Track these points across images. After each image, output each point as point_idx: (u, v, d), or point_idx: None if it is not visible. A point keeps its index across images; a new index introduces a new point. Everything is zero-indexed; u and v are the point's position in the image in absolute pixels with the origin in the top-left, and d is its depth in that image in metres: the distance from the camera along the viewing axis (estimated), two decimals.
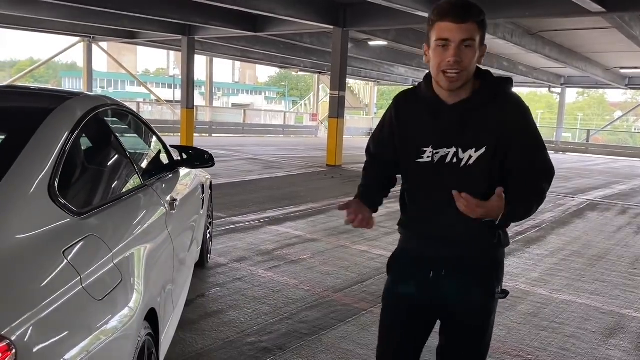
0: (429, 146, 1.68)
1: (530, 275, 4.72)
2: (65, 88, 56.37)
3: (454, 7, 1.56)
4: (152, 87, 41.63)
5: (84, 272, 1.47)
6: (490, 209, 1.56)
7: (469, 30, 1.56)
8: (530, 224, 6.95)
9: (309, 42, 15.87)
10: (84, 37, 19.23)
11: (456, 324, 1.79)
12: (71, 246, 1.52)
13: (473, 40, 1.57)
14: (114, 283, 1.62)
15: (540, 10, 9.69)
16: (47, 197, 1.58)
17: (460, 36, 1.55)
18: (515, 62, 20.74)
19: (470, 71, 1.61)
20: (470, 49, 1.57)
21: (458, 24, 1.55)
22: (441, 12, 1.57)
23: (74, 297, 1.39)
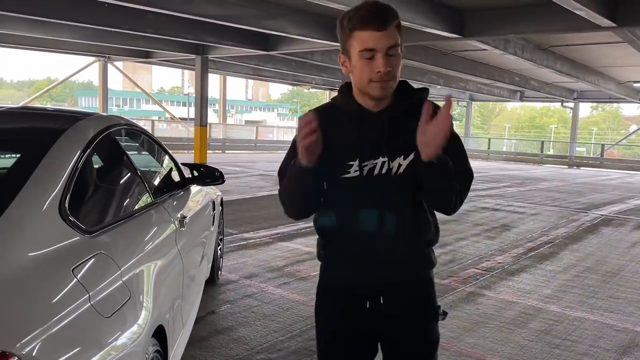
0: (355, 159, 1.54)
1: (542, 291, 4.68)
2: (81, 106, 57.26)
3: (374, 14, 1.44)
4: (167, 105, 42.10)
5: (92, 289, 1.50)
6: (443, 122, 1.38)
7: (392, 37, 1.45)
8: (543, 240, 6.90)
9: (320, 60, 15.99)
10: (100, 57, 19.56)
11: (402, 355, 1.65)
12: (80, 264, 1.55)
13: (397, 46, 1.47)
14: (122, 300, 1.65)
15: (550, 25, 9.69)
16: (58, 216, 1.62)
17: (387, 44, 1.44)
18: (527, 77, 20.70)
19: (398, 77, 1.52)
20: (396, 56, 1.47)
21: (381, 32, 1.43)
22: (361, 19, 1.44)
23: (83, 314, 1.42)
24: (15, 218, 1.51)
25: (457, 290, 4.60)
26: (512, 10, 9.88)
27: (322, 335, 1.76)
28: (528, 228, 7.79)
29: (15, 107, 2.55)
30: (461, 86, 23.29)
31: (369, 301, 1.62)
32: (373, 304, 1.62)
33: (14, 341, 1.18)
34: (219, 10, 9.77)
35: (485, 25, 10.42)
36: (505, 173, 19.29)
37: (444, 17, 10.17)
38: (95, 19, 10.97)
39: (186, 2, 9.30)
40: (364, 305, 1.62)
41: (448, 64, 16.38)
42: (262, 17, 10.46)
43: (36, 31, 12.62)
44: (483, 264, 5.52)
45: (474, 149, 31.29)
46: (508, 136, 54.30)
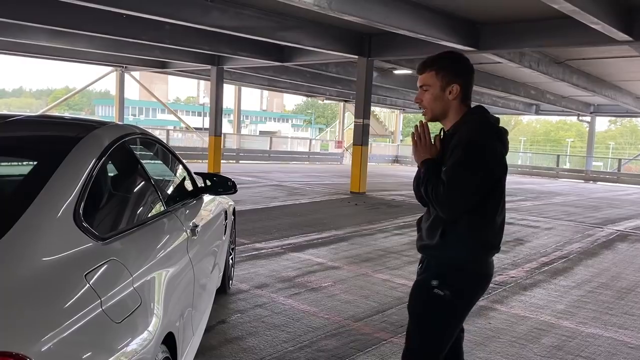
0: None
1: (555, 307, 4.62)
2: (98, 115, 57.98)
3: (419, 64, 2.15)
4: (183, 115, 42.54)
5: (104, 295, 1.53)
6: (422, 145, 2.11)
7: (423, 79, 2.10)
8: (557, 255, 6.82)
9: (335, 72, 16.09)
10: (117, 67, 19.87)
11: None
12: (93, 270, 1.58)
13: (429, 85, 2.09)
14: (133, 306, 1.67)
15: (565, 39, 9.67)
16: (72, 223, 1.65)
17: (420, 83, 2.12)
18: (543, 91, 20.61)
19: (434, 107, 2.10)
20: (427, 92, 2.09)
21: (419, 75, 2.13)
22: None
23: (94, 319, 1.44)
24: (31, 224, 1.54)
25: None
26: (527, 23, 9.88)
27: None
28: (542, 242, 7.71)
29: (33, 115, 2.60)
30: (476, 99, 23.22)
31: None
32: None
33: (27, 344, 1.20)
34: (234, 22, 9.90)
35: (501, 38, 10.43)
36: (520, 187, 19.13)
37: (459, 30, 10.20)
38: (114, 30, 11.17)
39: (203, 14, 9.43)
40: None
41: None
42: (277, 28, 10.57)
43: (55, 41, 12.87)
44: (496, 278, 5.47)
45: None
46: (523, 149, 53.89)
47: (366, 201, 11.67)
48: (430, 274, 2.07)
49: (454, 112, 2.08)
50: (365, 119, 12.93)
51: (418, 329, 2.14)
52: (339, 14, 8.08)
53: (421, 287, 2.11)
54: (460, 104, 2.08)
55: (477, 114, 2.09)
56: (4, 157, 2.04)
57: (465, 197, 1.96)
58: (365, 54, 12.46)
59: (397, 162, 32.99)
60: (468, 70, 2.10)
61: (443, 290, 2.01)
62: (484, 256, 2.10)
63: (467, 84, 2.08)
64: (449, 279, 2.04)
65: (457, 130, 2.04)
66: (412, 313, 2.16)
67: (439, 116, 2.11)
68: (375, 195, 12.90)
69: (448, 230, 2.02)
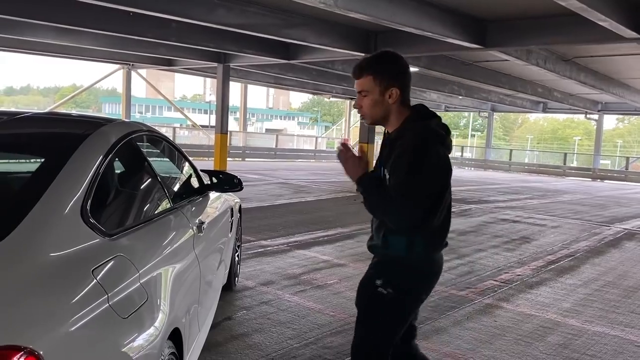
0: (382, 168, 2.10)
1: (561, 305, 4.61)
2: (105, 113, 58.18)
3: (353, 68, 2.06)
4: (189, 113, 42.62)
5: (111, 290, 1.54)
6: (349, 164, 2.06)
7: (361, 84, 2.05)
8: (563, 253, 6.80)
9: (341, 69, 16.06)
10: (124, 64, 19.92)
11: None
12: (100, 265, 1.59)
13: (367, 91, 2.04)
14: (139, 302, 1.68)
15: (572, 36, 9.60)
16: (80, 219, 1.67)
17: (358, 88, 2.06)
18: (550, 89, 20.49)
19: (374, 113, 2.08)
20: (367, 98, 2.05)
21: (356, 80, 2.06)
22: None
23: (101, 314, 1.46)
24: (39, 220, 1.55)
25: (475, 302, 4.56)
26: (534, 21, 9.82)
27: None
28: (548, 241, 7.69)
29: (41, 113, 2.62)
30: (483, 97, 23.15)
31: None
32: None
33: (35, 338, 1.22)
34: (240, 19, 9.90)
35: (507, 35, 10.37)
36: (527, 185, 19.07)
37: (465, 27, 10.16)
38: (119, 27, 11.19)
39: (208, 11, 9.44)
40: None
41: (470, 75, 16.30)
42: (282, 26, 10.56)
43: (61, 39, 12.91)
44: (501, 276, 5.46)
45: (494, 160, 31.02)
46: (530, 148, 53.66)
47: None
48: (376, 272, 2.11)
49: (395, 116, 2.07)
50: None
51: (363, 325, 2.16)
52: (345, 11, 8.06)
53: (366, 285, 2.13)
54: (401, 107, 2.06)
55: (419, 118, 2.06)
56: (12, 154, 2.06)
57: (420, 205, 1.94)
58: (372, 51, 12.41)
59: None
60: (405, 70, 2.08)
61: (386, 289, 2.04)
62: (427, 254, 2.09)
63: (405, 85, 2.06)
64: (393, 278, 2.06)
65: (400, 135, 2.02)
66: (358, 310, 2.19)
67: (380, 121, 2.10)
68: None
69: (391, 230, 2.04)
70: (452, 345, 3.58)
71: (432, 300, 4.53)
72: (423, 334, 3.73)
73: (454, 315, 4.18)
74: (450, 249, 6.58)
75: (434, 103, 28.67)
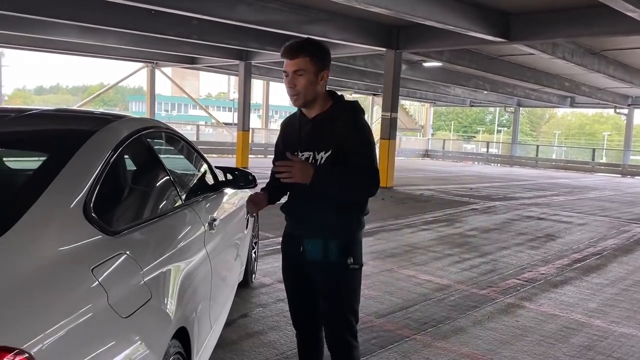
0: (297, 151, 2.19)
1: (587, 305, 4.47)
2: (131, 111, 58.98)
3: (287, 48, 2.12)
4: (214, 111, 42.91)
5: (111, 289, 1.51)
6: (297, 171, 2.04)
7: (298, 64, 2.09)
8: (590, 251, 6.61)
9: (362, 65, 15.95)
10: (148, 63, 20.14)
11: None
12: (101, 264, 1.56)
13: (303, 70, 2.09)
14: (142, 301, 1.65)
15: (600, 28, 9.34)
16: (82, 215, 1.64)
17: (293, 68, 2.10)
18: (578, 83, 20.04)
19: (307, 92, 2.13)
20: (302, 77, 2.10)
21: (290, 60, 2.11)
22: (282, 52, 2.13)
23: (99, 314, 1.42)
24: (39, 216, 1.53)
25: (496, 301, 4.45)
26: (560, 13, 9.58)
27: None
28: (575, 238, 7.49)
29: (49, 110, 2.61)
30: (508, 91, 22.77)
31: (302, 246, 2.31)
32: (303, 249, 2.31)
33: (27, 339, 1.19)
34: (260, 16, 9.88)
35: (532, 28, 10.14)
36: (554, 181, 18.69)
37: (489, 20, 9.97)
38: (142, 26, 11.29)
39: (228, 8, 9.44)
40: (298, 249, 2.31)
41: (494, 69, 16.04)
42: (303, 22, 10.51)
43: (85, 37, 13.10)
44: (525, 275, 5.33)
45: (521, 156, 30.49)
46: (558, 143, 52.64)
47: (393, 196, 11.55)
48: (339, 252, 2.20)
49: (322, 99, 2.19)
50: (392, 112, 12.79)
51: (344, 302, 2.27)
52: (366, 6, 7.98)
53: (338, 268, 2.22)
54: (326, 91, 2.22)
55: (343, 100, 2.24)
56: (18, 151, 2.05)
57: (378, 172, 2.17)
58: (394, 46, 12.31)
59: (427, 156, 32.63)
60: (331, 58, 2.24)
61: (356, 262, 2.24)
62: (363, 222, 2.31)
63: (329, 72, 2.22)
64: (355, 252, 2.24)
65: (331, 117, 2.16)
66: (347, 299, 2.27)
67: (309, 102, 2.16)
68: (403, 190, 12.76)
69: (344, 208, 2.19)
70: (471, 346, 3.49)
71: (452, 299, 4.44)
72: (442, 334, 3.65)
73: (474, 315, 4.08)
74: (473, 246, 6.51)
75: (459, 98, 28.36)
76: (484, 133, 62.45)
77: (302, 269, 2.30)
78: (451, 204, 10.61)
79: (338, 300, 2.27)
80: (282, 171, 2.07)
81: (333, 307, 2.28)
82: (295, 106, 2.22)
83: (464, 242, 6.82)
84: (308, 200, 2.20)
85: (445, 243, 6.72)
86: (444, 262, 5.73)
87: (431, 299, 4.41)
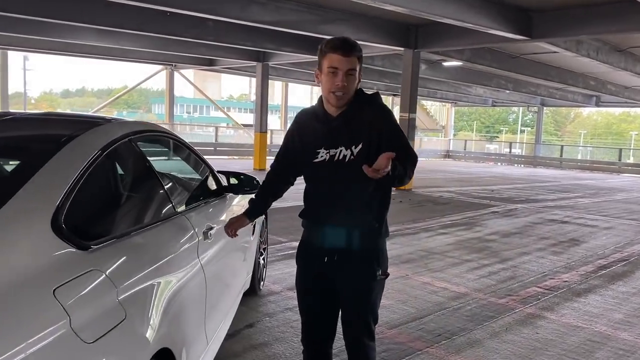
0: (321, 148, 2.15)
1: (612, 316, 4.22)
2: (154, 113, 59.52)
3: (343, 44, 2.04)
4: (235, 112, 42.98)
5: (74, 311, 1.37)
6: (380, 164, 1.89)
7: (352, 62, 2.04)
8: (616, 257, 6.32)
9: (381, 65, 15.73)
10: (167, 65, 20.22)
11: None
12: (65, 283, 1.41)
13: (354, 70, 2.06)
14: (113, 323, 1.50)
15: (626, 25, 8.97)
16: (49, 228, 1.50)
17: (347, 66, 2.04)
18: (604, 81, 19.51)
19: (351, 92, 2.10)
20: (352, 76, 2.06)
21: (345, 57, 2.03)
22: (333, 46, 2.05)
23: (56, 341, 1.28)
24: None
25: (515, 310, 4.23)
26: (583, 9, 9.26)
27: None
28: (600, 243, 7.19)
29: (33, 113, 2.50)
30: (531, 91, 22.29)
31: (327, 257, 2.26)
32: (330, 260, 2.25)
33: None
34: (274, 16, 9.77)
35: (555, 25, 9.82)
36: (579, 182, 18.21)
37: (509, 17, 9.69)
38: (158, 28, 11.28)
39: (241, 9, 9.35)
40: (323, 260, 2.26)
41: (517, 68, 15.67)
42: (318, 22, 10.37)
43: (103, 40, 13.15)
44: (546, 282, 5.09)
45: (545, 156, 29.86)
46: (583, 143, 51.51)
47: (412, 198, 11.32)
48: (374, 263, 2.21)
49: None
50: (411, 113, 12.55)
51: (371, 311, 2.28)
52: (380, 4, 7.78)
53: (367, 279, 2.21)
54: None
55: (364, 93, 2.20)
56: None
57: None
58: (412, 45, 12.07)
59: (448, 157, 32.18)
60: None
61: (384, 273, 2.25)
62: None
63: None
64: (384, 263, 2.25)
65: (357, 113, 2.12)
66: (362, 298, 2.25)
67: (347, 102, 2.14)
68: (421, 192, 12.52)
69: (373, 213, 2.19)
70: None
71: (468, 308, 4.24)
72: (456, 347, 3.46)
73: (492, 326, 3.87)
74: (492, 252, 6.27)
75: (480, 98, 27.92)
76: (507, 133, 61.51)
77: (326, 280, 2.24)
78: (471, 207, 10.34)
79: (362, 308, 2.26)
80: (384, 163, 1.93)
81: (356, 313, 2.27)
82: (337, 105, 2.12)
83: (483, 247, 6.58)
84: (339, 205, 2.17)
85: (464, 248, 6.50)
86: (462, 268, 5.51)
87: (446, 309, 4.22)
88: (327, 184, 2.18)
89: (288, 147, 2.33)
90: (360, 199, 2.15)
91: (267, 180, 2.46)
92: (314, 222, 2.27)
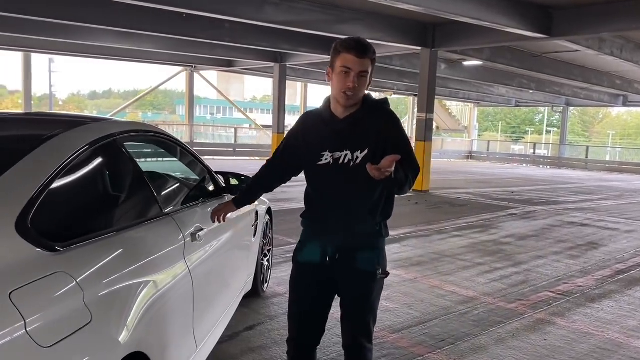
0: (326, 151, 2.14)
1: (626, 322, 4.06)
2: (178, 114, 60.12)
3: (357, 44, 2.03)
4: (258, 114, 43.16)
5: (32, 315, 1.34)
6: (384, 164, 1.88)
7: (365, 64, 2.03)
8: (635, 261, 6.11)
9: (399, 65, 15.59)
10: (187, 67, 20.39)
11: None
12: (24, 285, 1.39)
13: (366, 72, 2.05)
14: (77, 325, 1.47)
15: None
16: (13, 230, 1.48)
17: (359, 68, 2.03)
18: (630, 80, 19.02)
19: (361, 94, 2.10)
20: (364, 79, 2.06)
21: (359, 59, 2.02)
22: (348, 46, 2.03)
23: (8, 345, 1.25)
24: None
25: (524, 316, 4.10)
26: (605, 5, 9.01)
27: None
28: (619, 247, 6.97)
29: (15, 113, 2.51)
30: (555, 90, 21.86)
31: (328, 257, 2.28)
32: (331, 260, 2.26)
33: None
34: (288, 16, 9.74)
35: (576, 23, 9.59)
36: (604, 184, 17.77)
37: (528, 15, 9.49)
38: (175, 29, 11.36)
39: (256, 10, 9.35)
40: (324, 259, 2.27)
41: (539, 67, 15.37)
42: (333, 22, 10.31)
43: (122, 42, 13.31)
44: (559, 287, 4.94)
45: (570, 157, 29.25)
46: (612, 144, 50.35)
47: (428, 199, 11.17)
48: (370, 263, 2.20)
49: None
50: (428, 113, 12.38)
51: (370, 311, 2.28)
52: (393, 2, 7.69)
53: (367, 279, 2.21)
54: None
55: (373, 98, 2.20)
56: None
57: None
58: (429, 44, 11.92)
59: (471, 157, 31.76)
60: None
61: (384, 272, 2.25)
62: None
63: None
64: (383, 262, 2.26)
65: (364, 116, 2.12)
66: (370, 306, 2.26)
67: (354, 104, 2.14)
68: (439, 194, 12.35)
69: (376, 215, 2.19)
70: None
71: (475, 313, 4.13)
72: (458, 353, 3.36)
73: (498, 332, 3.76)
74: (506, 255, 6.13)
75: (503, 98, 27.51)
76: (533, 134, 60.48)
77: (324, 277, 2.24)
78: (488, 209, 10.15)
79: (361, 308, 2.26)
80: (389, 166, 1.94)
81: (354, 313, 2.27)
82: (345, 105, 2.11)
83: (496, 250, 6.44)
84: (340, 208, 2.18)
85: (477, 251, 6.36)
86: (472, 271, 5.39)
87: (453, 313, 4.11)
88: (330, 187, 2.18)
89: (288, 146, 2.33)
90: (363, 204, 2.16)
91: (260, 174, 2.46)
92: (315, 223, 2.28)
